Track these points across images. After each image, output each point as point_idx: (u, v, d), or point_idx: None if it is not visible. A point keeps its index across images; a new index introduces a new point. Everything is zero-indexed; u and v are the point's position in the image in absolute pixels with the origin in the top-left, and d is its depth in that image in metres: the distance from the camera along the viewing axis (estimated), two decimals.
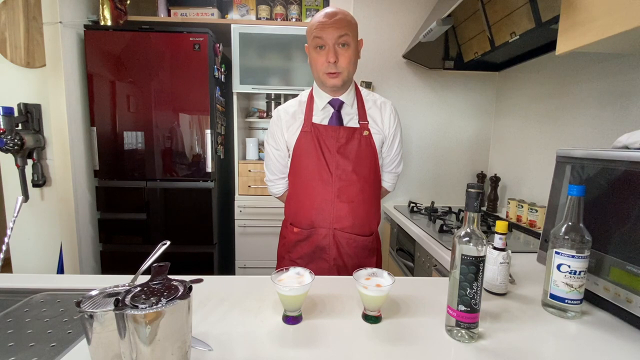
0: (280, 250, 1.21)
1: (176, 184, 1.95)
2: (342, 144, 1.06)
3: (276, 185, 1.21)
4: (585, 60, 1.40)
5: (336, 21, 0.98)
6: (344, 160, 1.06)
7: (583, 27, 0.92)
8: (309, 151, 1.07)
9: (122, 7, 1.95)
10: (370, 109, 1.12)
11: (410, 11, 2.04)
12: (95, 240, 2.04)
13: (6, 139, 1.78)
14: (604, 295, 0.76)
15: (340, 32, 0.98)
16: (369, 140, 1.08)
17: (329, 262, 1.10)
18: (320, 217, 1.08)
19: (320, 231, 1.09)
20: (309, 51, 1.05)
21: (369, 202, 1.11)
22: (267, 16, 2.16)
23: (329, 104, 1.09)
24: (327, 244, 1.09)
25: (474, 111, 2.14)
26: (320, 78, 1.04)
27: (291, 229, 1.14)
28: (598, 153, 0.82)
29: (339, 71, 1.01)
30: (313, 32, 1.00)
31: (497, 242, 0.86)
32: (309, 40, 1.04)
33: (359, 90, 1.13)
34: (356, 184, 1.07)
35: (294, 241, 1.13)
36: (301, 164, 1.09)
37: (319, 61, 1.01)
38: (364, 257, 1.12)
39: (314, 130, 1.07)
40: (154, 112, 1.89)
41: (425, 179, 2.19)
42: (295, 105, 1.14)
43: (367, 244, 1.12)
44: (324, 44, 0.99)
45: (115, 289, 0.57)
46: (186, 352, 0.50)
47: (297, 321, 0.71)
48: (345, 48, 1.00)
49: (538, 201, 1.62)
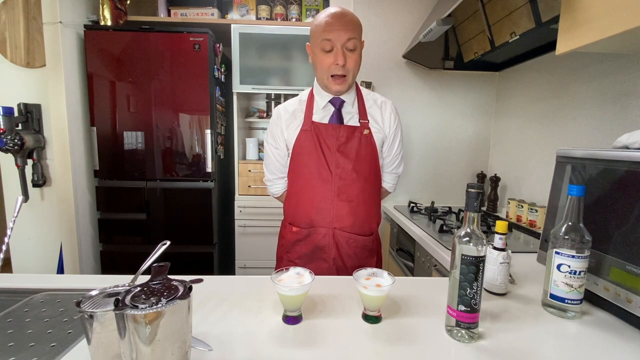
0: (279, 250, 1.20)
1: (176, 184, 1.95)
2: (342, 142, 1.05)
3: (275, 185, 1.20)
4: (585, 60, 1.40)
5: (345, 23, 0.97)
6: (344, 158, 1.05)
7: (583, 27, 0.92)
8: (308, 149, 1.06)
9: (122, 7, 1.95)
10: (370, 107, 1.11)
11: (410, 11, 2.04)
12: (95, 240, 2.04)
13: (6, 139, 1.78)
14: (604, 295, 0.76)
15: (349, 35, 0.97)
16: (369, 139, 1.08)
17: (329, 262, 1.09)
18: (319, 216, 1.07)
19: (319, 230, 1.08)
20: (314, 52, 1.03)
21: (370, 201, 1.10)
22: (267, 16, 2.16)
23: (329, 102, 1.08)
24: (327, 244, 1.08)
25: (474, 111, 2.14)
26: (325, 82, 1.04)
27: (290, 228, 1.13)
28: (598, 153, 0.82)
29: (346, 74, 1.01)
30: (321, 33, 0.98)
31: (497, 242, 0.86)
32: (315, 41, 1.01)
33: (360, 90, 1.13)
34: (356, 182, 1.06)
35: (293, 241, 1.12)
36: (301, 163, 1.08)
37: (326, 63, 1.00)
38: (363, 258, 1.11)
39: (314, 129, 1.06)
40: (154, 112, 1.89)
41: (425, 179, 2.19)
42: (296, 104, 1.13)
43: (367, 244, 1.11)
44: (332, 46, 0.98)
45: (115, 289, 0.57)
46: (186, 352, 0.50)
47: (297, 321, 0.71)
48: (353, 51, 1.00)
49: (538, 201, 1.62)
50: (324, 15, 0.99)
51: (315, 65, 1.05)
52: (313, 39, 1.03)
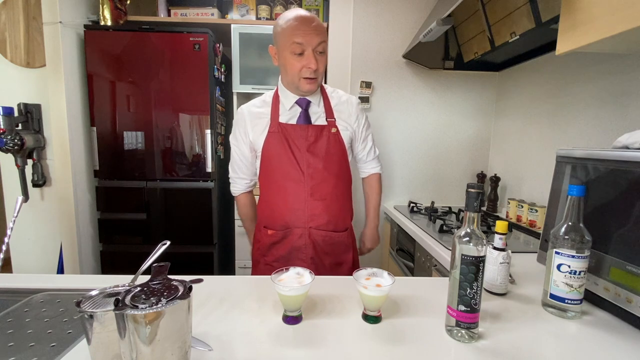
0: (255, 254, 1.19)
1: (176, 184, 1.95)
2: (312, 142, 1.07)
3: (235, 184, 1.22)
4: (585, 60, 1.40)
5: (315, 28, 0.99)
6: (314, 158, 1.07)
7: (583, 27, 0.92)
8: (278, 152, 1.07)
9: (122, 7, 1.95)
10: (336, 105, 1.13)
11: (410, 11, 2.04)
12: (95, 240, 2.04)
13: (6, 139, 1.78)
14: (604, 295, 0.76)
15: (320, 38, 0.99)
16: (337, 137, 1.10)
17: (306, 261, 1.09)
18: (294, 217, 1.08)
19: (295, 231, 1.09)
20: (282, 54, 1.03)
21: (342, 197, 1.13)
22: (267, 16, 2.16)
23: (296, 103, 1.09)
24: (303, 244, 1.09)
25: (474, 111, 2.14)
26: (296, 83, 1.04)
27: (265, 231, 1.13)
28: (598, 153, 0.82)
29: (317, 76, 1.03)
30: (291, 37, 0.98)
31: (497, 242, 0.86)
32: (284, 44, 1.00)
33: (324, 88, 1.15)
34: (328, 180, 1.08)
35: (269, 244, 1.12)
36: (271, 165, 1.09)
37: (296, 66, 1.01)
38: (340, 253, 1.13)
39: (281, 130, 1.07)
40: (154, 112, 1.89)
41: (425, 179, 2.19)
42: (259, 105, 1.13)
43: (342, 239, 1.13)
44: (303, 50, 0.99)
45: (115, 289, 0.57)
46: (186, 352, 0.50)
47: (297, 321, 0.71)
48: (322, 54, 1.03)
49: (538, 201, 1.62)
50: (292, 19, 0.99)
51: (284, 67, 1.04)
52: (281, 42, 1.01)
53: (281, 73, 1.10)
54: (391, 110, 2.11)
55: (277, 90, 1.14)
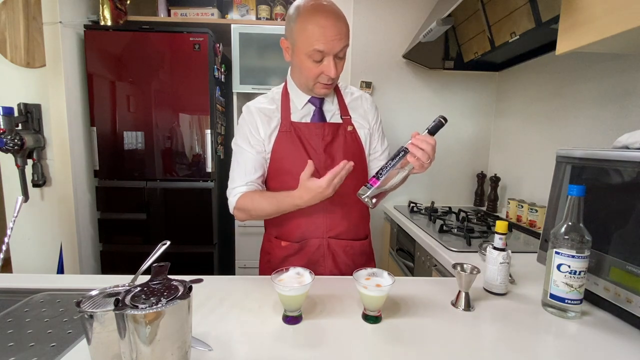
0: (264, 268, 1.07)
1: (176, 184, 1.95)
2: (329, 142, 0.98)
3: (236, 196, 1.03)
4: (585, 60, 1.40)
5: (340, 29, 0.87)
6: (332, 159, 0.97)
7: (583, 27, 0.92)
8: (292, 153, 0.96)
9: (122, 7, 1.95)
10: (349, 102, 1.05)
11: (410, 11, 2.04)
12: (95, 240, 2.04)
13: (6, 139, 1.78)
14: (604, 295, 0.76)
15: (343, 43, 0.89)
16: (354, 136, 1.02)
17: (325, 275, 1.01)
18: (312, 227, 0.98)
19: (312, 242, 0.99)
20: (298, 56, 0.91)
21: (361, 202, 1.04)
22: (267, 16, 2.16)
23: (309, 101, 1.00)
24: (322, 256, 1.00)
25: (474, 111, 2.14)
26: (310, 86, 0.95)
27: (277, 243, 1.02)
28: (598, 153, 0.82)
29: (334, 82, 0.95)
30: (313, 43, 0.86)
31: (497, 242, 0.86)
32: (302, 46, 0.88)
33: (337, 85, 1.06)
34: (348, 184, 0.92)
35: (282, 257, 1.01)
36: (283, 169, 0.98)
37: (314, 72, 0.90)
38: (361, 265, 1.02)
39: (294, 130, 0.97)
40: (154, 112, 1.89)
41: (425, 179, 2.19)
42: (266, 103, 1.02)
43: (364, 249, 1.06)
44: (324, 57, 0.88)
45: (115, 289, 0.57)
46: (186, 352, 0.50)
47: (297, 321, 0.71)
48: (342, 59, 0.93)
49: (538, 201, 1.62)
50: (315, 22, 0.85)
51: (298, 68, 0.94)
52: (299, 42, 0.88)
53: (292, 69, 1.00)
54: (391, 111, 2.11)
55: (285, 86, 1.03)
